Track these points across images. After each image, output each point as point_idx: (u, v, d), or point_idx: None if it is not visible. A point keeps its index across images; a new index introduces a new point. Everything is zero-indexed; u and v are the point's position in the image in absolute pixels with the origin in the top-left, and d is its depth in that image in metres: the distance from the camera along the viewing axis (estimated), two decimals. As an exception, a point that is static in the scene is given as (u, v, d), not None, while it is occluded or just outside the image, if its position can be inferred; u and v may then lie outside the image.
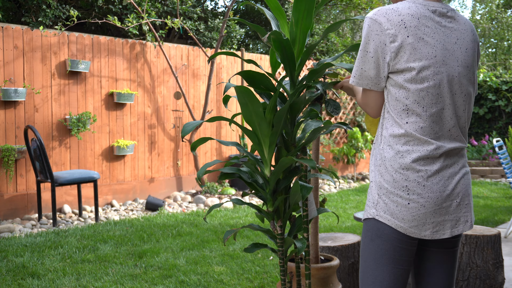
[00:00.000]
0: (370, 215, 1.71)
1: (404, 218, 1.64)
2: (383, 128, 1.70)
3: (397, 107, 1.65)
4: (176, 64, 7.43)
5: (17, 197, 5.83)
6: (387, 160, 1.66)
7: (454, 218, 1.69)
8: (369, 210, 1.72)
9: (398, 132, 1.65)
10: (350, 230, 5.29)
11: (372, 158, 1.75)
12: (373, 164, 1.72)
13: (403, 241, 1.67)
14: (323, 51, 11.18)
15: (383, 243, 1.68)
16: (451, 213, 1.67)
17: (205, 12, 9.89)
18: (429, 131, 1.63)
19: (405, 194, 1.63)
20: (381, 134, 1.71)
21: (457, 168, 1.69)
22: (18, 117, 5.89)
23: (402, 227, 1.65)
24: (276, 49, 1.95)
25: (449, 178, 1.66)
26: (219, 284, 3.63)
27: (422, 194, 1.62)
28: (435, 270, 1.80)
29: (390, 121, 1.68)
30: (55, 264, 4.03)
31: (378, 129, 1.73)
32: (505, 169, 5.60)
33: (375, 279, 1.71)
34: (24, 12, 7.28)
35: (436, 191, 1.63)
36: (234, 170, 2.11)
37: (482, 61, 18.43)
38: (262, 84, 2.04)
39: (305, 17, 1.94)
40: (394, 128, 1.66)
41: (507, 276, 3.78)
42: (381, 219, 1.67)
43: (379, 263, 1.70)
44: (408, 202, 1.63)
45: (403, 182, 1.63)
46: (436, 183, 1.63)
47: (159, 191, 7.25)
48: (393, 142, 1.66)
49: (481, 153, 10.46)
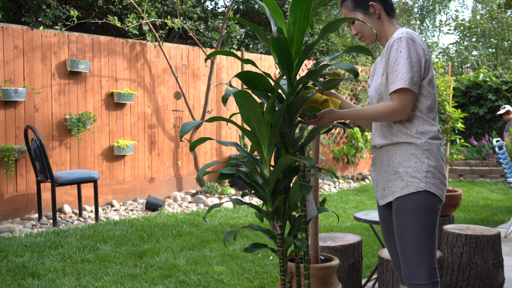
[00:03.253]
0: (420, 188, 2.04)
1: (443, 189, 2.10)
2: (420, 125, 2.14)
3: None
4: (176, 64, 7.43)
5: (17, 197, 5.84)
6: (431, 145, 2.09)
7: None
8: (416, 185, 2.05)
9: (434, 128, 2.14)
10: (350, 230, 5.30)
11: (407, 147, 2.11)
12: (413, 150, 2.09)
13: (440, 209, 2.12)
14: (323, 51, 11.18)
15: (434, 215, 2.06)
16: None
17: (205, 12, 9.89)
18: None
19: (443, 171, 2.11)
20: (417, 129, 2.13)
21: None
22: (18, 117, 5.89)
23: (443, 197, 2.09)
24: (273, 49, 1.95)
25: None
26: (219, 284, 3.63)
27: (445, 169, 2.15)
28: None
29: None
30: (55, 264, 4.03)
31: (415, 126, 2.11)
32: (504, 169, 5.61)
33: (432, 250, 2.06)
34: (24, 12, 7.29)
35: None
36: (234, 170, 2.11)
37: (482, 61, 18.44)
38: (260, 85, 2.03)
39: (302, 17, 1.94)
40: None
41: (507, 276, 3.78)
42: (432, 190, 2.05)
43: (434, 233, 2.07)
44: (443, 177, 2.11)
45: (441, 162, 2.10)
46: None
47: (159, 191, 7.25)
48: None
49: (481, 153, 10.46)
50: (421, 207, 2.04)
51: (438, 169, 2.08)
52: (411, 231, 2.05)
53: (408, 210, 2.06)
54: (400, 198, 2.08)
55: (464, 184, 9.09)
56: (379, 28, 2.20)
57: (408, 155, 2.08)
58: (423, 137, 2.07)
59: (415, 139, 2.07)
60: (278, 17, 2.04)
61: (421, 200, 2.05)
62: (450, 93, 9.58)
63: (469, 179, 9.81)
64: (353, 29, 2.23)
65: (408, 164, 2.08)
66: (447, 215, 4.05)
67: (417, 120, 2.09)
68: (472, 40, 19.73)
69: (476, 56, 19.09)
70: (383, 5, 2.20)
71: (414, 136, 2.08)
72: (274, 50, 1.95)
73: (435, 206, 2.07)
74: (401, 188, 2.07)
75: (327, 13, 12.86)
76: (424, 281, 2.05)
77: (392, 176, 2.12)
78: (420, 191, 2.05)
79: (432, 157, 2.07)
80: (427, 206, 2.05)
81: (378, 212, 2.32)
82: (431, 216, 2.06)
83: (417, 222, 2.05)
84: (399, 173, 2.09)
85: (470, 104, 11.67)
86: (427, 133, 2.08)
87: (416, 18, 20.30)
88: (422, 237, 2.04)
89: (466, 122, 11.58)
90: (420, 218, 2.04)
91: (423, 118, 2.09)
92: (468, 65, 18.98)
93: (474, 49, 19.47)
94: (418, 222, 2.04)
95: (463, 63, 19.20)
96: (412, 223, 2.05)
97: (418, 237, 2.04)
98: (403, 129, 2.10)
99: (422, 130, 2.08)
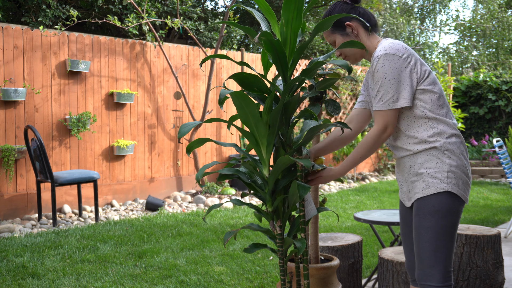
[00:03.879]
0: (442, 189, 2.03)
1: (466, 190, 2.09)
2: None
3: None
4: (176, 64, 7.43)
5: (17, 197, 5.84)
6: (452, 145, 2.09)
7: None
8: (437, 186, 2.04)
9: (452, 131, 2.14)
10: (350, 230, 5.29)
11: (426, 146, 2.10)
12: (433, 152, 2.07)
13: (461, 211, 2.09)
14: (323, 51, 11.18)
15: (454, 217, 2.05)
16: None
17: (205, 12, 9.89)
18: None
19: (467, 170, 2.09)
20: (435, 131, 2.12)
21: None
22: (18, 117, 5.89)
23: (465, 198, 2.07)
24: (267, 50, 1.95)
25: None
26: (219, 284, 3.63)
27: (469, 169, 2.13)
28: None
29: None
30: (55, 264, 4.03)
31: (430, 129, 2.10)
32: (505, 169, 5.60)
33: (449, 252, 2.05)
34: (24, 12, 7.29)
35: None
36: (233, 171, 2.11)
37: (482, 61, 18.44)
38: (256, 86, 2.04)
39: (295, 17, 1.94)
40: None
41: (507, 276, 3.78)
42: (454, 191, 2.03)
43: (453, 236, 2.05)
44: (467, 177, 2.09)
45: (464, 161, 2.09)
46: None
47: (159, 191, 7.25)
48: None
49: (481, 153, 10.46)
50: (441, 209, 2.03)
51: (461, 168, 2.07)
52: (429, 232, 2.04)
53: (428, 211, 2.05)
54: (421, 199, 2.08)
55: (464, 184, 9.08)
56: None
57: (429, 156, 2.08)
58: (440, 138, 2.06)
59: (433, 143, 2.07)
60: (270, 18, 2.04)
61: (442, 201, 2.03)
62: (450, 93, 9.59)
63: (469, 179, 9.81)
64: (336, 52, 2.25)
65: (429, 165, 2.07)
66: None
67: (430, 122, 2.08)
68: (472, 40, 19.73)
69: (476, 56, 19.09)
70: (359, 22, 2.19)
71: (431, 141, 2.07)
72: (268, 51, 1.96)
73: (457, 207, 2.06)
74: (422, 189, 2.07)
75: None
76: (438, 283, 2.03)
77: (414, 178, 2.12)
78: (442, 192, 2.04)
79: (454, 157, 2.06)
80: (447, 208, 2.04)
81: (400, 211, 2.33)
82: (451, 217, 2.05)
83: (436, 224, 2.04)
84: (421, 174, 2.08)
85: (470, 104, 11.67)
86: (443, 134, 2.07)
87: (416, 18, 20.30)
88: (440, 239, 2.03)
89: (466, 122, 11.58)
90: (439, 220, 2.03)
91: (435, 118, 2.07)
92: (468, 65, 18.98)
93: (474, 49, 19.47)
94: (437, 224, 2.03)
95: (463, 63, 19.19)
96: (431, 224, 2.04)
97: (436, 239, 2.03)
98: (419, 137, 2.09)
99: (438, 131, 2.07)
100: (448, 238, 2.04)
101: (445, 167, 2.04)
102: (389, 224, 3.31)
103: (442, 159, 2.05)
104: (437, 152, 2.06)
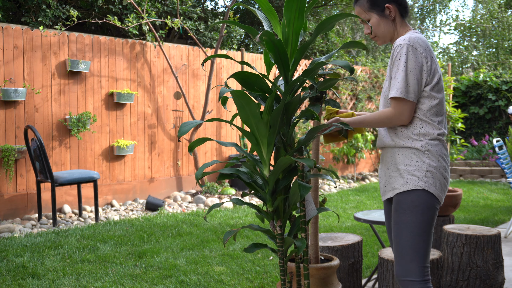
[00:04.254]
0: (419, 186, 2.09)
1: (443, 190, 2.14)
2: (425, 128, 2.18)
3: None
4: (176, 64, 7.43)
5: (17, 197, 5.84)
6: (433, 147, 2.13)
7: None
8: (414, 183, 2.09)
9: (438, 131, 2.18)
10: (350, 230, 5.29)
11: (411, 144, 2.15)
12: (414, 151, 2.13)
13: (438, 209, 2.16)
14: (323, 51, 11.18)
15: (432, 214, 2.10)
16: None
17: (205, 12, 9.89)
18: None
19: (445, 172, 2.14)
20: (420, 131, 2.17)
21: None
22: (18, 117, 5.89)
23: (441, 198, 2.13)
24: (269, 50, 1.95)
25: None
26: (219, 284, 3.63)
27: (448, 171, 2.18)
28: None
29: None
30: (55, 264, 4.03)
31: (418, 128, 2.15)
32: (504, 169, 5.60)
33: (427, 247, 2.11)
34: (24, 12, 7.29)
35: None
36: (233, 171, 2.11)
37: (482, 61, 18.44)
38: (257, 85, 2.03)
39: (297, 16, 1.94)
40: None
41: (507, 276, 3.78)
42: (430, 190, 2.09)
43: (429, 232, 2.11)
44: (445, 179, 2.14)
45: (444, 163, 2.14)
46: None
47: (159, 191, 7.25)
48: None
49: (481, 153, 10.46)
50: (420, 205, 2.10)
51: (440, 170, 2.12)
52: (408, 227, 2.10)
53: (406, 206, 2.11)
54: (399, 194, 2.14)
55: (464, 184, 9.09)
56: (392, 30, 2.24)
57: (410, 154, 2.14)
58: (423, 138, 2.12)
59: (416, 141, 2.12)
60: (272, 18, 2.03)
61: (420, 197, 2.10)
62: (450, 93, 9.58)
63: (469, 179, 9.81)
64: (366, 27, 2.25)
65: (409, 163, 2.13)
66: (447, 215, 4.05)
67: (419, 122, 2.13)
68: (472, 40, 19.73)
69: (476, 56, 19.09)
70: (398, 7, 2.23)
71: (415, 138, 2.13)
72: (270, 50, 1.95)
73: (433, 205, 2.12)
74: (401, 185, 2.13)
75: (327, 13, 12.86)
76: (417, 278, 2.09)
77: (393, 173, 2.18)
78: (418, 189, 2.10)
79: (434, 158, 2.11)
80: (426, 204, 2.10)
81: (384, 207, 2.38)
82: (429, 214, 2.10)
83: (415, 219, 2.10)
84: (399, 170, 2.15)
85: (470, 104, 11.67)
86: (428, 135, 2.12)
87: (416, 18, 20.30)
88: (418, 234, 2.09)
89: (466, 122, 11.57)
90: (418, 215, 2.10)
91: (425, 121, 2.13)
92: (468, 65, 18.98)
93: (474, 49, 19.47)
94: (416, 219, 2.10)
95: (463, 63, 19.19)
96: (410, 219, 2.10)
97: (415, 234, 2.10)
98: (406, 131, 2.15)
99: (423, 132, 2.12)
100: (426, 234, 2.11)
101: (424, 166, 2.10)
102: (389, 224, 3.31)
103: (422, 158, 2.11)
104: (417, 151, 2.12)
